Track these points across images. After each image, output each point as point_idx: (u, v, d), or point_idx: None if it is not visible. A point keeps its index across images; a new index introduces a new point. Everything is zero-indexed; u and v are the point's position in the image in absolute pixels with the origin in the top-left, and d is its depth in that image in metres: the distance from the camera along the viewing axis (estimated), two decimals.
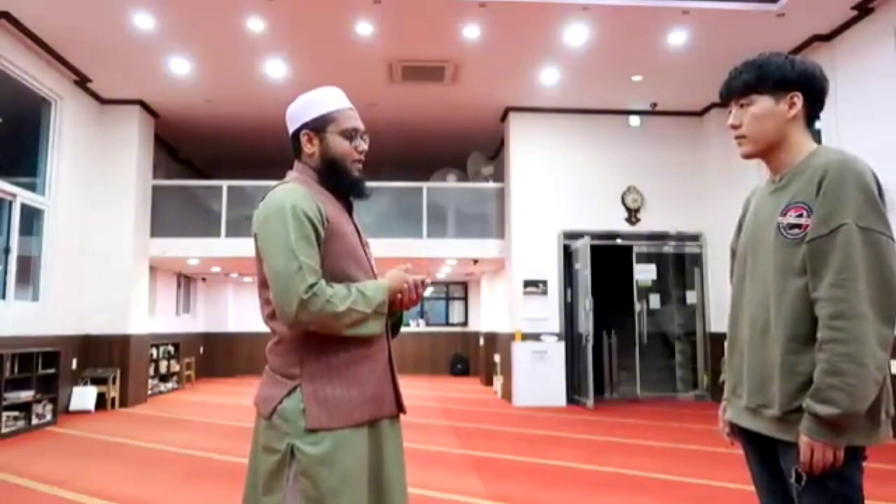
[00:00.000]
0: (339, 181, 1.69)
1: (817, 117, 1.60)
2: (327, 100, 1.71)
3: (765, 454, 1.56)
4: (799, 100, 1.53)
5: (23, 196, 7.24)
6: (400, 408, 1.74)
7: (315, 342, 1.55)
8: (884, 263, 1.37)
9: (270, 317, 1.62)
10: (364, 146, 1.73)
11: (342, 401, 1.56)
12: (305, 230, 1.53)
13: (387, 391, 1.68)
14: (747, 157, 1.63)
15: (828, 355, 1.36)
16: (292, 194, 1.57)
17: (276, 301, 1.51)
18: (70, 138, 8.03)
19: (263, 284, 1.61)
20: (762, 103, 1.55)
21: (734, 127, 1.61)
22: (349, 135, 1.69)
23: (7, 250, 7.06)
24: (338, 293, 1.53)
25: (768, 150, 1.58)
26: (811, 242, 1.42)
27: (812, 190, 1.45)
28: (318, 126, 1.68)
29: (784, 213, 1.50)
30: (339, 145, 1.68)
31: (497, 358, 10.11)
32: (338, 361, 1.58)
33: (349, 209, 1.75)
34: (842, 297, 1.36)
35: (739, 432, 1.63)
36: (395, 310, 1.66)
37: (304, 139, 1.69)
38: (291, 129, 1.72)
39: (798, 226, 1.46)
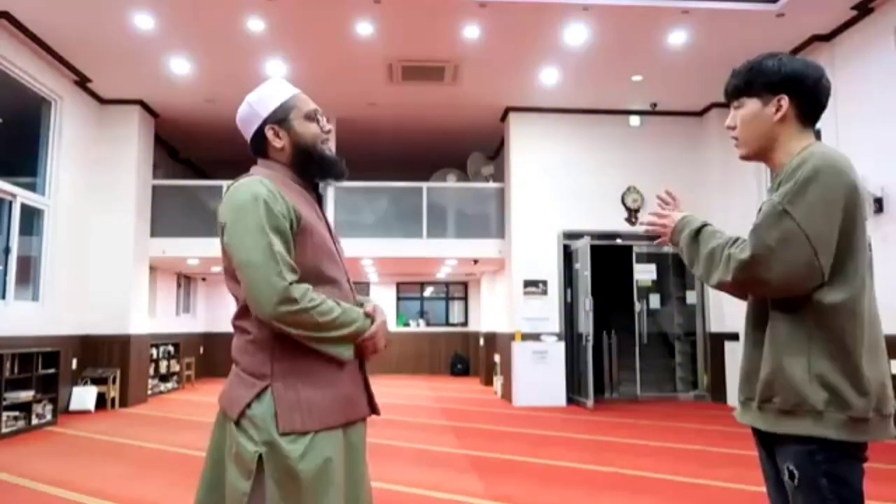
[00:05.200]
0: (315, 166, 1.66)
1: (815, 117, 1.58)
2: (278, 90, 1.66)
3: (769, 450, 1.57)
4: (785, 102, 1.54)
5: (23, 196, 7.24)
6: (373, 409, 1.69)
7: (289, 341, 1.49)
8: (783, 252, 1.40)
9: (240, 315, 1.56)
10: (328, 125, 1.70)
11: (315, 403, 1.50)
12: (281, 225, 1.48)
13: (359, 393, 1.63)
14: (743, 159, 1.66)
15: (719, 247, 1.51)
16: (262, 187, 1.51)
17: (251, 292, 1.44)
18: (70, 138, 8.03)
19: (236, 281, 1.54)
20: (750, 106, 1.58)
21: (730, 128, 1.64)
22: (312, 116, 1.67)
23: (7, 250, 7.06)
24: (326, 303, 1.49)
25: (762, 152, 1.60)
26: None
27: (781, 183, 1.49)
28: (281, 117, 1.63)
29: None
30: (307, 129, 1.65)
31: (497, 358, 10.11)
32: (309, 362, 1.52)
33: (319, 203, 1.70)
34: (743, 247, 1.45)
35: (752, 428, 1.64)
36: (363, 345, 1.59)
37: (269, 134, 1.63)
38: (252, 129, 1.66)
39: None
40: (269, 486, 1.43)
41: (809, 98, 1.55)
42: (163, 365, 10.28)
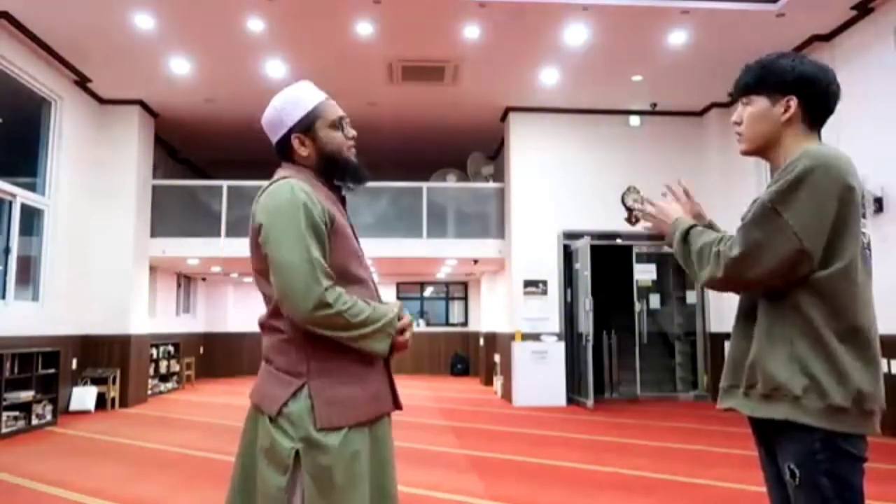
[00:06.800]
0: (340, 172, 1.70)
1: (822, 121, 1.59)
2: (305, 96, 1.68)
3: (770, 450, 1.57)
4: (794, 103, 1.54)
5: (23, 196, 7.24)
6: (397, 404, 1.74)
7: (322, 340, 1.54)
8: (769, 248, 1.42)
9: (274, 314, 1.59)
10: (353, 132, 1.73)
11: (349, 399, 1.55)
12: (318, 229, 1.53)
13: (386, 389, 1.69)
14: (744, 154, 1.68)
15: (707, 245, 1.55)
16: (301, 192, 1.54)
17: (287, 295, 1.49)
18: (70, 138, 8.03)
19: (269, 281, 1.56)
20: (758, 104, 1.58)
21: (736, 124, 1.65)
22: (337, 125, 1.69)
23: (7, 250, 7.06)
24: (357, 304, 1.54)
25: (764, 150, 1.61)
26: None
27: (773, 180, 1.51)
28: (307, 125, 1.65)
29: None
30: (333, 139, 1.68)
31: (497, 358, 10.11)
32: (343, 360, 1.57)
33: (343, 203, 1.74)
34: (731, 244, 1.49)
35: (751, 428, 1.64)
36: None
37: (295, 143, 1.66)
38: (277, 136, 1.68)
39: None
40: (306, 481, 1.48)
41: (819, 102, 1.55)
42: (163, 365, 10.27)
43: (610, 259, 9.25)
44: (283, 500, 1.48)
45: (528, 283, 8.93)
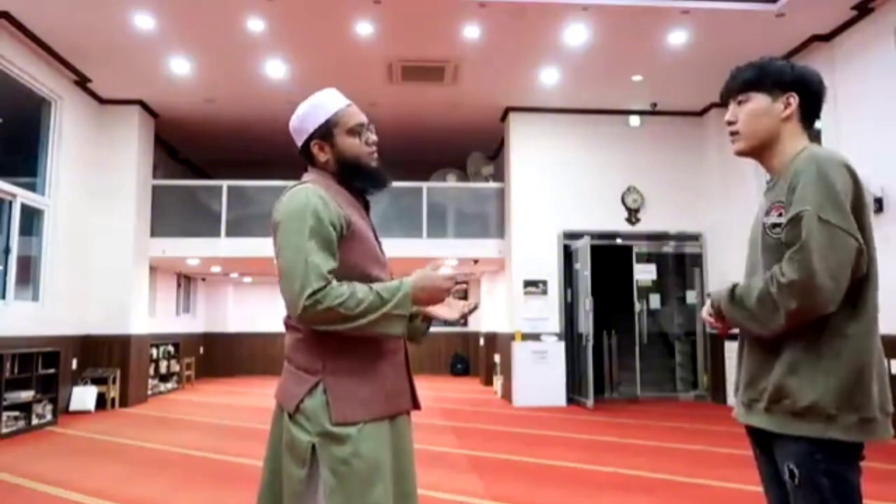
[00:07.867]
0: (359, 179, 1.73)
1: (814, 119, 1.61)
2: (326, 104, 1.72)
3: (766, 450, 1.57)
4: (795, 100, 1.57)
5: (23, 196, 7.24)
6: (415, 404, 1.77)
7: (338, 338, 1.57)
8: (835, 256, 1.39)
9: None
10: (374, 137, 1.76)
11: (364, 395, 1.59)
12: (324, 233, 1.55)
13: (404, 387, 1.72)
14: (740, 153, 1.66)
15: (762, 292, 1.46)
16: (315, 197, 1.59)
17: (284, 296, 1.55)
18: (70, 138, 8.03)
19: None
20: (759, 101, 1.59)
21: (730, 123, 1.65)
22: (357, 132, 1.72)
23: (7, 250, 7.06)
24: (354, 295, 1.52)
25: (761, 149, 1.61)
26: (783, 233, 1.47)
27: (788, 188, 1.49)
28: (325, 133, 1.70)
29: (768, 213, 1.54)
30: (350, 146, 1.71)
31: (497, 358, 10.11)
32: (359, 357, 1.61)
33: (366, 208, 1.78)
34: (795, 268, 1.40)
35: (746, 429, 1.64)
36: (420, 305, 1.64)
37: (314, 149, 1.71)
38: (299, 142, 1.74)
39: (779, 225, 1.49)
40: (324, 474, 1.53)
41: (813, 100, 1.59)
42: (163, 365, 10.27)
43: (610, 259, 9.25)
44: (304, 493, 1.53)
45: (528, 283, 8.93)
